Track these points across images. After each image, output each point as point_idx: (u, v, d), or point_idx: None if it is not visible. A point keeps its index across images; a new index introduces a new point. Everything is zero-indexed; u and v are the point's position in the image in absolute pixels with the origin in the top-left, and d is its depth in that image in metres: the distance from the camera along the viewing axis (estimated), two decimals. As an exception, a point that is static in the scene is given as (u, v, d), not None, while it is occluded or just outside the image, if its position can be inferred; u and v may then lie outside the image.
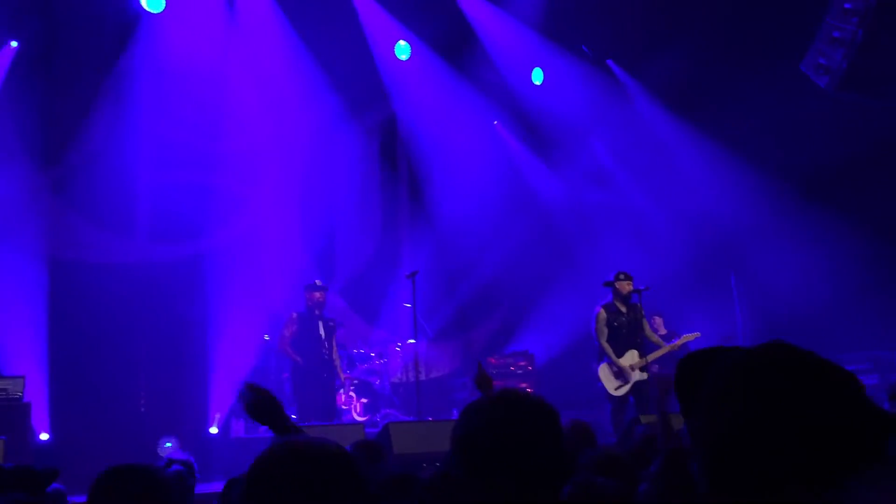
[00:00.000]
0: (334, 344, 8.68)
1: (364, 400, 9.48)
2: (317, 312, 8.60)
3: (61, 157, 9.43)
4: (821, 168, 10.20)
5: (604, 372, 8.31)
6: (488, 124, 12.17)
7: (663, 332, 9.52)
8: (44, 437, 8.54)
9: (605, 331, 8.35)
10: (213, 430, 9.53)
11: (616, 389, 8.24)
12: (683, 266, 10.99)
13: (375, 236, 11.83)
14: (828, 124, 9.94)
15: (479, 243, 11.57)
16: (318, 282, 8.81)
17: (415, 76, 11.32)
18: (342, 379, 8.81)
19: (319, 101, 10.79)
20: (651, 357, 8.40)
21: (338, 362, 8.72)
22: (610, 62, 11.90)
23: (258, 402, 2.47)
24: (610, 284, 8.50)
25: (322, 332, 8.53)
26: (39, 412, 8.37)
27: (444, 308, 11.09)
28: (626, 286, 8.40)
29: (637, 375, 8.24)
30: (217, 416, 9.60)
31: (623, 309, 8.44)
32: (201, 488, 6.50)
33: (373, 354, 9.83)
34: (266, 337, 10.05)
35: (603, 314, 8.40)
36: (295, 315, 8.62)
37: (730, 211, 11.12)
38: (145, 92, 9.61)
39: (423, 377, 9.14)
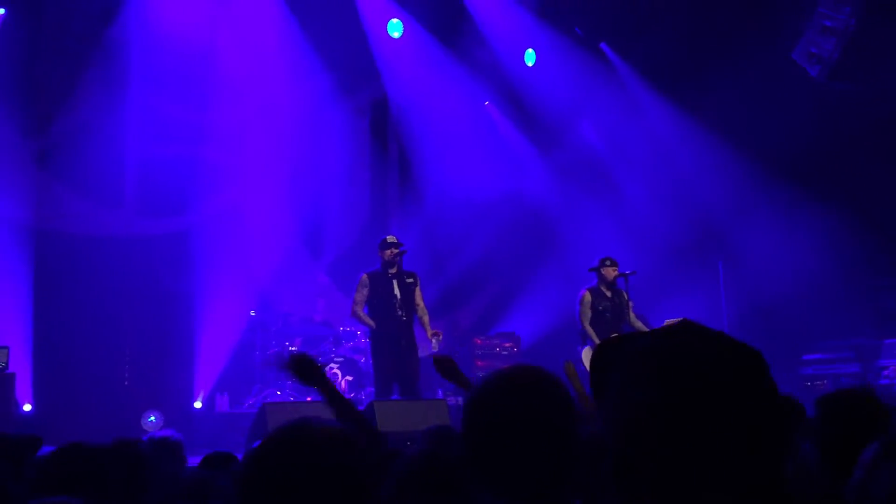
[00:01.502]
0: (418, 302, 7.90)
1: (349, 378, 9.50)
2: (391, 271, 7.82)
3: (47, 128, 9.34)
4: (809, 155, 10.25)
5: (587, 355, 8.36)
6: (479, 105, 12.14)
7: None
8: (27, 408, 8.53)
9: (589, 313, 8.38)
10: (198, 404, 9.54)
11: (598, 374, 8.28)
12: (670, 252, 11.05)
13: (364, 214, 11.81)
14: (817, 111, 9.97)
15: (468, 224, 11.57)
16: (389, 238, 8.00)
17: (407, 54, 11.26)
18: (429, 335, 7.79)
19: (310, 78, 10.72)
20: (635, 342, 8.44)
21: (424, 319, 7.89)
22: (603, 45, 11.87)
23: (301, 364, 2.74)
24: (595, 270, 8.54)
25: (397, 291, 7.79)
26: (23, 383, 8.36)
27: (430, 288, 11.09)
28: (611, 272, 8.44)
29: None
30: (201, 391, 9.61)
31: (608, 294, 8.49)
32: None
33: (359, 332, 9.83)
34: (252, 313, 10.04)
35: (588, 297, 8.44)
36: (365, 276, 7.83)
37: (718, 197, 11.16)
38: (134, 63, 9.52)
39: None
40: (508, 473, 1.50)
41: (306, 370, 2.74)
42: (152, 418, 8.75)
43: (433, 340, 7.79)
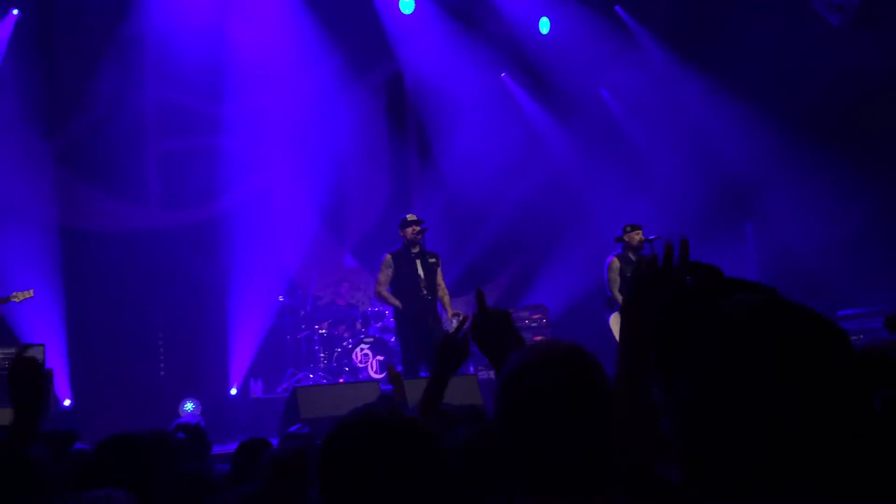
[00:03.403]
0: (439, 282, 7.88)
1: (380, 357, 9.54)
2: (414, 251, 7.77)
3: (67, 126, 9.41)
4: (836, 110, 10.03)
5: (614, 322, 8.31)
6: (496, 77, 12.03)
7: None
8: (66, 403, 8.67)
9: (618, 280, 8.33)
10: (233, 391, 9.64)
11: (626, 340, 8.23)
12: (697, 215, 10.92)
13: (385, 194, 11.80)
14: (842, 64, 9.74)
15: (490, 197, 11.51)
16: (409, 216, 7.93)
17: (420, 31, 11.17)
18: (450, 315, 7.85)
19: (325, 60, 10.69)
20: (663, 308, 8.36)
21: (445, 300, 7.88)
22: (618, 8, 11.69)
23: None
24: (620, 240, 8.48)
25: (421, 271, 7.75)
26: (61, 379, 8.49)
27: (455, 263, 11.09)
28: (635, 237, 8.37)
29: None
30: (236, 378, 9.71)
31: (635, 260, 8.42)
32: (222, 448, 6.60)
33: (387, 312, 9.86)
34: (280, 298, 10.10)
35: (616, 263, 8.38)
36: (388, 256, 7.78)
37: (744, 158, 10.99)
38: (148, 57, 9.54)
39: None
40: (544, 457, 1.42)
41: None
42: (189, 406, 8.84)
43: (454, 321, 7.82)
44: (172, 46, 9.51)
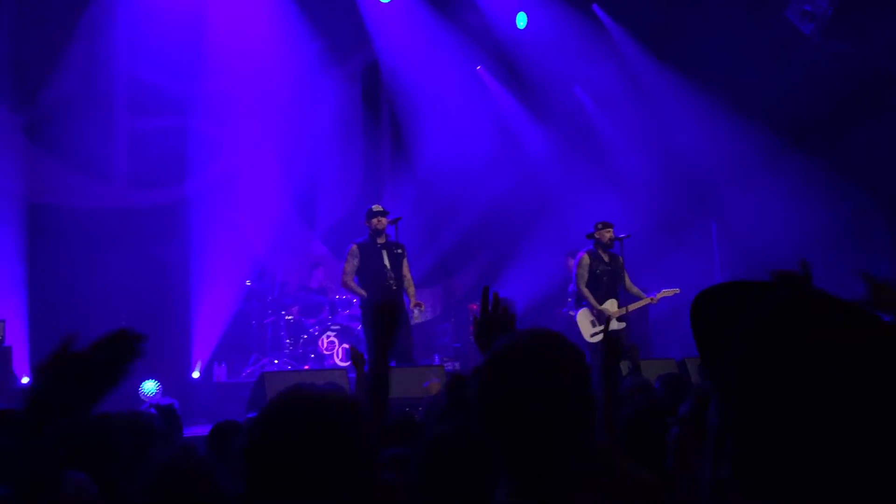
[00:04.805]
0: (405, 273, 7.94)
1: (346, 345, 9.53)
2: (380, 241, 7.86)
3: (35, 100, 9.23)
4: (804, 115, 10.19)
5: (582, 318, 8.39)
6: (472, 69, 12.04)
7: None
8: (25, 381, 8.53)
9: (586, 276, 8.41)
10: (196, 374, 9.57)
11: (591, 336, 8.33)
12: (665, 214, 11.04)
13: (357, 182, 11.76)
14: (812, 70, 9.90)
15: (462, 189, 11.54)
16: (376, 207, 7.98)
17: (397, 19, 11.14)
18: (412, 305, 7.86)
19: (301, 45, 10.61)
20: (631, 307, 8.47)
21: (410, 290, 7.93)
22: (595, 7, 11.75)
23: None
24: (591, 236, 8.55)
25: (387, 261, 7.83)
26: (20, 356, 8.35)
27: (425, 254, 11.10)
28: (605, 234, 8.44)
29: (614, 325, 8.31)
30: (199, 361, 9.63)
31: (605, 258, 8.50)
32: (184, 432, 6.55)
33: (354, 300, 9.84)
34: (248, 282, 10.03)
35: (586, 259, 8.45)
36: (354, 247, 7.84)
37: (714, 159, 11.12)
38: (121, 34, 9.39)
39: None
40: (525, 446, 1.45)
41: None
42: (151, 385, 8.72)
43: (415, 311, 7.92)
44: (147, 23, 9.38)
